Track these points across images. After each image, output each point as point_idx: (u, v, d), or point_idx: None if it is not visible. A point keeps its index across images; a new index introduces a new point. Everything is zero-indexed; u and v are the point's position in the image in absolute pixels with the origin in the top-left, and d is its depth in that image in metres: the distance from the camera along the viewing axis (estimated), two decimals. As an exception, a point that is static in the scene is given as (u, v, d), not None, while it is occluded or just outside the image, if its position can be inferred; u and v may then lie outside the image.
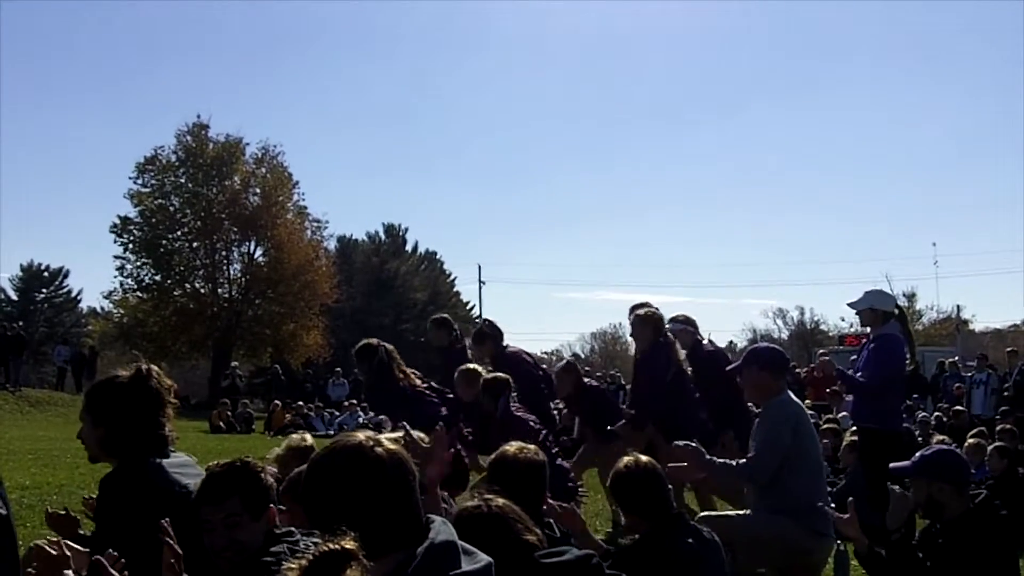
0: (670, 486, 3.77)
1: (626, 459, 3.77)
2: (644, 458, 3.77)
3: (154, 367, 3.25)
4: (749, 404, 6.45)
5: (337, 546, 1.53)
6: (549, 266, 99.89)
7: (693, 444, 4.67)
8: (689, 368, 6.89)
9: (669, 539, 3.51)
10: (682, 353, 6.85)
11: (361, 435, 2.08)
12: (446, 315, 7.95)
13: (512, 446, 3.48)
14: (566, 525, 3.63)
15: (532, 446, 3.55)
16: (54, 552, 2.60)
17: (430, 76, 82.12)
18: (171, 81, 69.38)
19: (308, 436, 3.99)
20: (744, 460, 4.90)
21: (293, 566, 1.51)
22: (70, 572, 2.64)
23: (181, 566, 2.60)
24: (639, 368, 7.04)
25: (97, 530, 3.15)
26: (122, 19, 70.54)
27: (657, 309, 6.94)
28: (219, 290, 35.00)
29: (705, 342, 7.30)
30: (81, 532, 3.45)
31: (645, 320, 6.77)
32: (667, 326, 6.87)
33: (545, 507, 3.49)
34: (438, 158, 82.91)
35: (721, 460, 4.96)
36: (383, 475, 1.98)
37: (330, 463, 2.03)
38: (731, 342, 68.43)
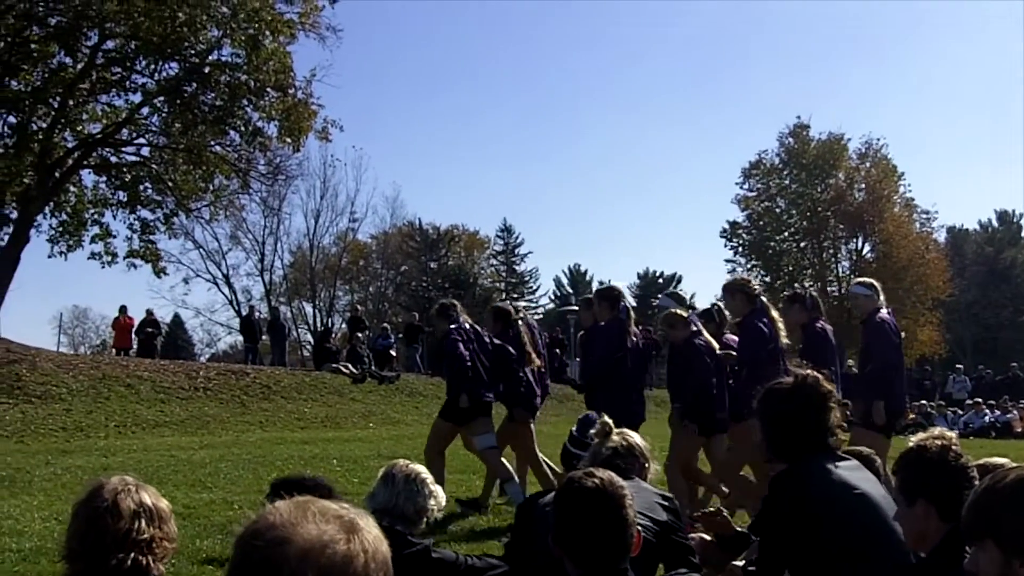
0: None
1: None
2: None
3: (814, 374, 3.32)
4: None
5: None
6: None
7: None
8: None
9: None
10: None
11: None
12: None
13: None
14: None
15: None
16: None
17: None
18: (768, 85, 71.54)
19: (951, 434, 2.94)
20: None
21: None
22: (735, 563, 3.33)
23: None
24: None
25: (758, 527, 3.40)
26: (710, 29, 74.79)
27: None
28: (828, 288, 35.43)
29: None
30: (739, 528, 3.74)
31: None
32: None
33: None
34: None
35: None
36: None
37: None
38: None
